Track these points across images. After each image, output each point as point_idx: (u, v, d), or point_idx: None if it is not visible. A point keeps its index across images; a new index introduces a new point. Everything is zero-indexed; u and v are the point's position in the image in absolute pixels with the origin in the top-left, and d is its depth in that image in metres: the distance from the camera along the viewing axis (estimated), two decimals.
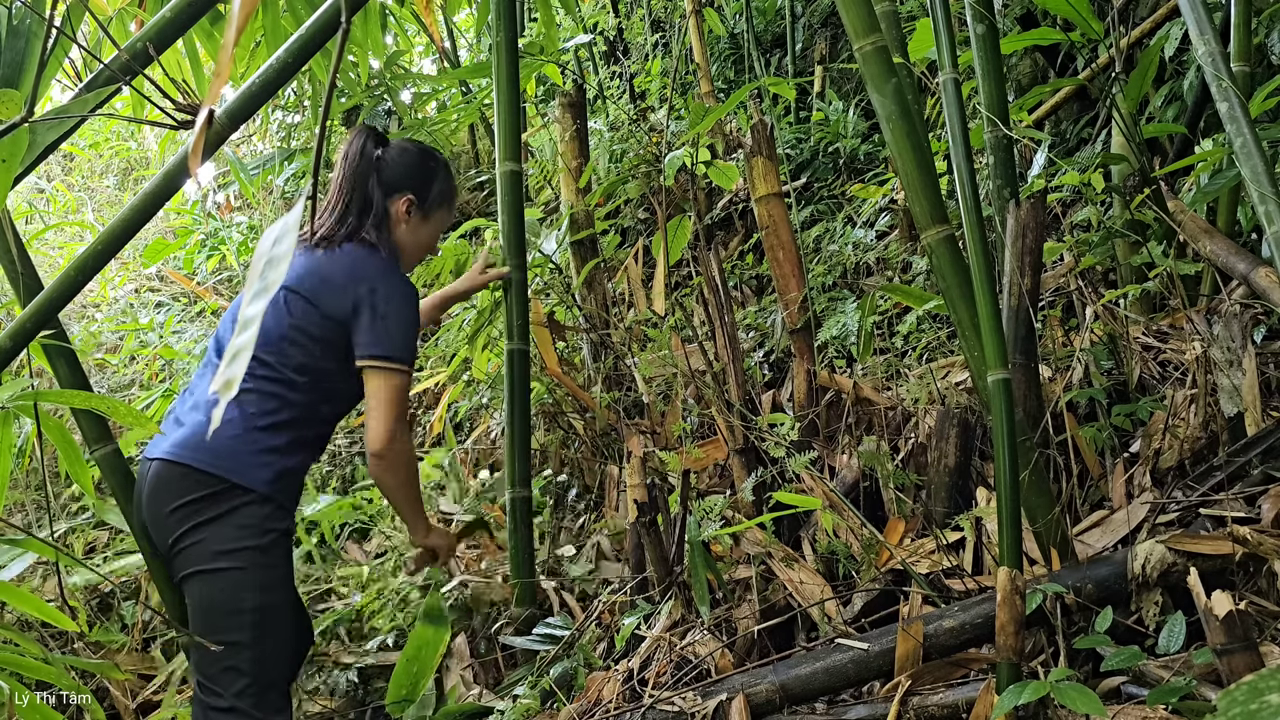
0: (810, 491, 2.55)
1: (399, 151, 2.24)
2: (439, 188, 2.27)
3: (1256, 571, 1.95)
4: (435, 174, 2.27)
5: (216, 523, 1.97)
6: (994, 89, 2.38)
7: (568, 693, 2.40)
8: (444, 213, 2.31)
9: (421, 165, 2.25)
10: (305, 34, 1.73)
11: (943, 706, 1.97)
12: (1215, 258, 2.61)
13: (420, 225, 2.25)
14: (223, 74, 0.74)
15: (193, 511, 1.96)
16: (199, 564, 1.97)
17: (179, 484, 1.98)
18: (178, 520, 1.97)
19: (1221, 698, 0.53)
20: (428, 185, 2.24)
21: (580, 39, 4.18)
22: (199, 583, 1.98)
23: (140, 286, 6.34)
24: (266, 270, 0.66)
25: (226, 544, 1.96)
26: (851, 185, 4.07)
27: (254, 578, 1.97)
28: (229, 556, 1.96)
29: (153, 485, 2.01)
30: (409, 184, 2.21)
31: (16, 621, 3.38)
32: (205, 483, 1.97)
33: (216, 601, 1.96)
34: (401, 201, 2.20)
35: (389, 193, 2.20)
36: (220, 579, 1.96)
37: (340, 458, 4.49)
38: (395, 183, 2.20)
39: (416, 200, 2.22)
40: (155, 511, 2.00)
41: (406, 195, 2.21)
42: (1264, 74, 2.98)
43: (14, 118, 1.24)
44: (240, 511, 1.98)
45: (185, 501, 1.96)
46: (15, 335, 1.67)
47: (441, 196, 2.28)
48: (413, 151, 2.26)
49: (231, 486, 1.97)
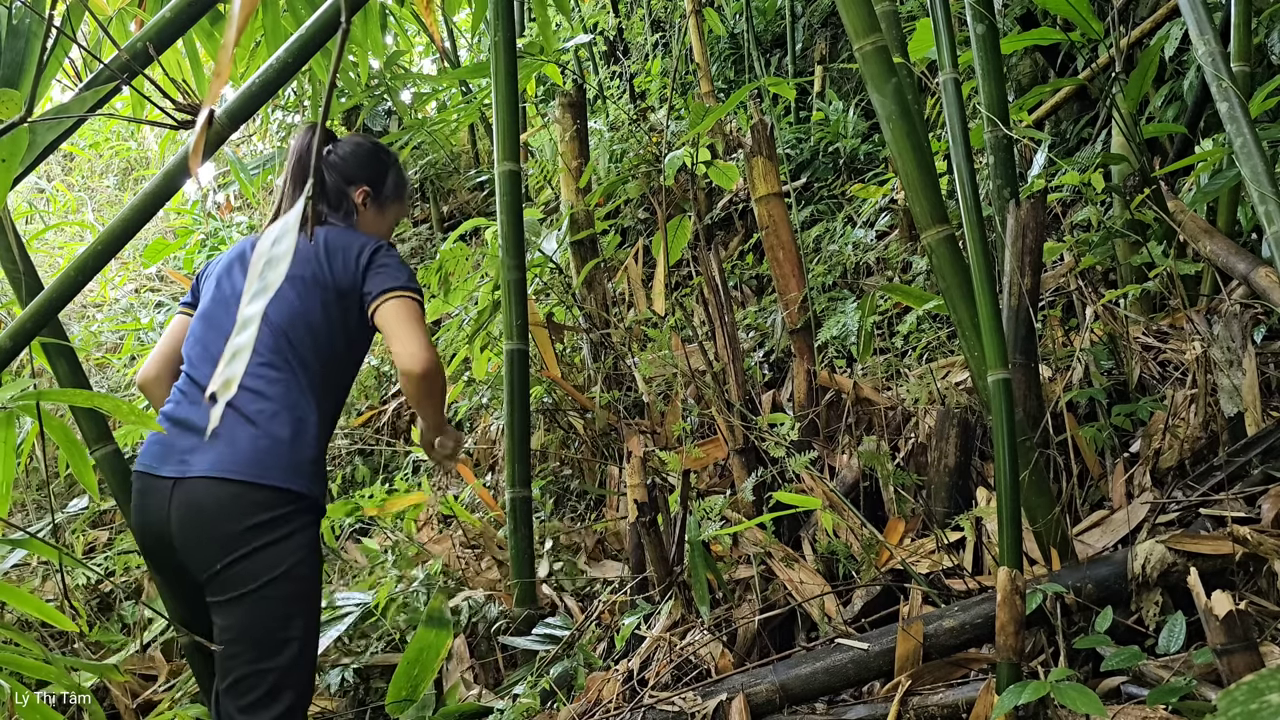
0: (810, 491, 2.55)
1: (352, 145, 2.29)
2: (393, 180, 2.32)
3: (1256, 571, 1.95)
4: (389, 167, 2.32)
5: (283, 542, 1.90)
6: (994, 89, 2.38)
7: (568, 693, 2.40)
8: (398, 205, 2.36)
9: (375, 158, 2.30)
10: (305, 34, 1.73)
11: (943, 706, 1.97)
12: (1215, 258, 2.61)
13: (376, 216, 2.30)
14: (223, 74, 0.74)
15: (263, 528, 1.88)
16: (247, 587, 1.88)
17: (243, 501, 1.88)
18: (243, 539, 1.87)
19: (1221, 698, 0.53)
20: (382, 177, 2.29)
21: (580, 39, 4.18)
22: (250, 605, 1.89)
23: (140, 286, 6.34)
24: (266, 270, 0.66)
25: (285, 562, 1.89)
26: (851, 185, 4.07)
27: (308, 595, 1.93)
28: (287, 576, 1.89)
29: (206, 505, 1.89)
30: (364, 175, 2.26)
31: (16, 621, 3.38)
32: (275, 499, 1.90)
33: (269, 620, 1.88)
34: (358, 192, 2.25)
35: (346, 182, 2.25)
36: (275, 599, 1.89)
37: (340, 458, 4.49)
38: (350, 174, 2.25)
39: (372, 192, 2.27)
40: (210, 532, 1.89)
41: (362, 187, 2.26)
42: (1264, 74, 2.98)
43: (13, 118, 1.24)
44: (305, 529, 1.93)
45: (256, 521, 1.88)
46: (15, 335, 1.67)
47: (396, 189, 2.33)
48: (366, 145, 2.31)
49: (297, 498, 1.91)
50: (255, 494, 1.89)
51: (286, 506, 1.91)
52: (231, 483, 1.89)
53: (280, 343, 2.01)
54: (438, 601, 2.61)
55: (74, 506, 3.93)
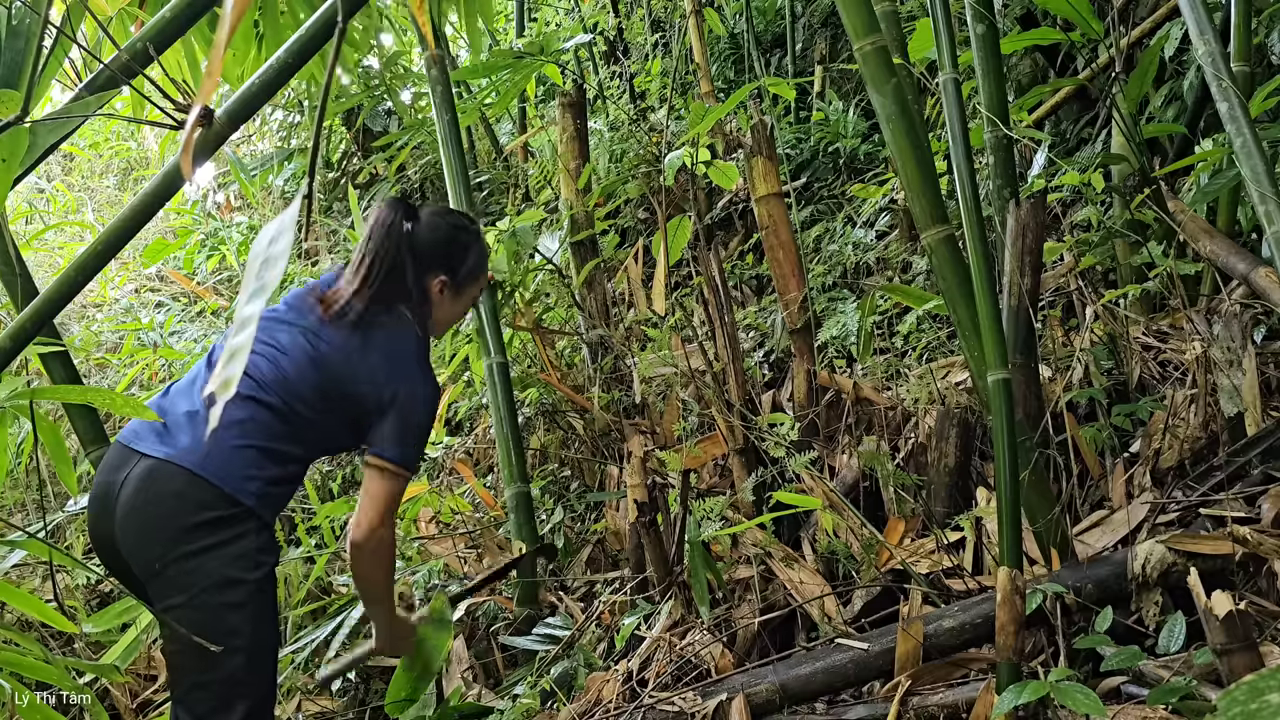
0: (810, 491, 2.55)
1: (430, 228, 2.10)
2: (473, 261, 2.14)
3: (1256, 571, 1.95)
4: (469, 248, 2.14)
5: (214, 551, 1.84)
6: (994, 89, 2.38)
7: (568, 693, 2.40)
8: (477, 285, 2.20)
9: (454, 240, 2.12)
10: (305, 34, 1.73)
11: (943, 706, 1.97)
12: (1215, 258, 2.61)
13: (454, 301, 2.15)
14: (214, 73, 0.74)
15: (202, 529, 1.83)
16: (185, 594, 1.83)
17: (183, 494, 1.84)
18: (183, 536, 1.83)
19: (1221, 698, 0.53)
20: (462, 261, 2.12)
21: (580, 39, 4.18)
22: (187, 613, 1.83)
23: (140, 286, 6.34)
24: (263, 270, 0.66)
25: (220, 576, 1.83)
26: (851, 185, 4.07)
27: (252, 603, 1.86)
28: (223, 590, 1.84)
29: (149, 486, 1.85)
30: (442, 263, 2.09)
31: (16, 621, 3.38)
32: (221, 500, 1.85)
33: (209, 630, 1.80)
34: (435, 282, 2.09)
35: (422, 272, 2.07)
36: (211, 613, 1.83)
37: (340, 458, 4.49)
38: (428, 261, 2.08)
39: (450, 280, 2.11)
40: (154, 519, 1.85)
41: (440, 275, 2.09)
42: (1264, 74, 2.98)
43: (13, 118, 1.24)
44: (249, 536, 1.87)
45: (199, 520, 1.83)
46: (15, 335, 1.67)
47: (475, 270, 2.15)
48: (444, 227, 2.12)
49: (233, 505, 1.85)
50: (204, 492, 1.84)
51: (231, 509, 1.85)
52: (188, 473, 1.84)
53: (287, 397, 1.94)
54: (438, 602, 2.61)
55: (73, 506, 3.92)
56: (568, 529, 3.22)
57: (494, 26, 6.34)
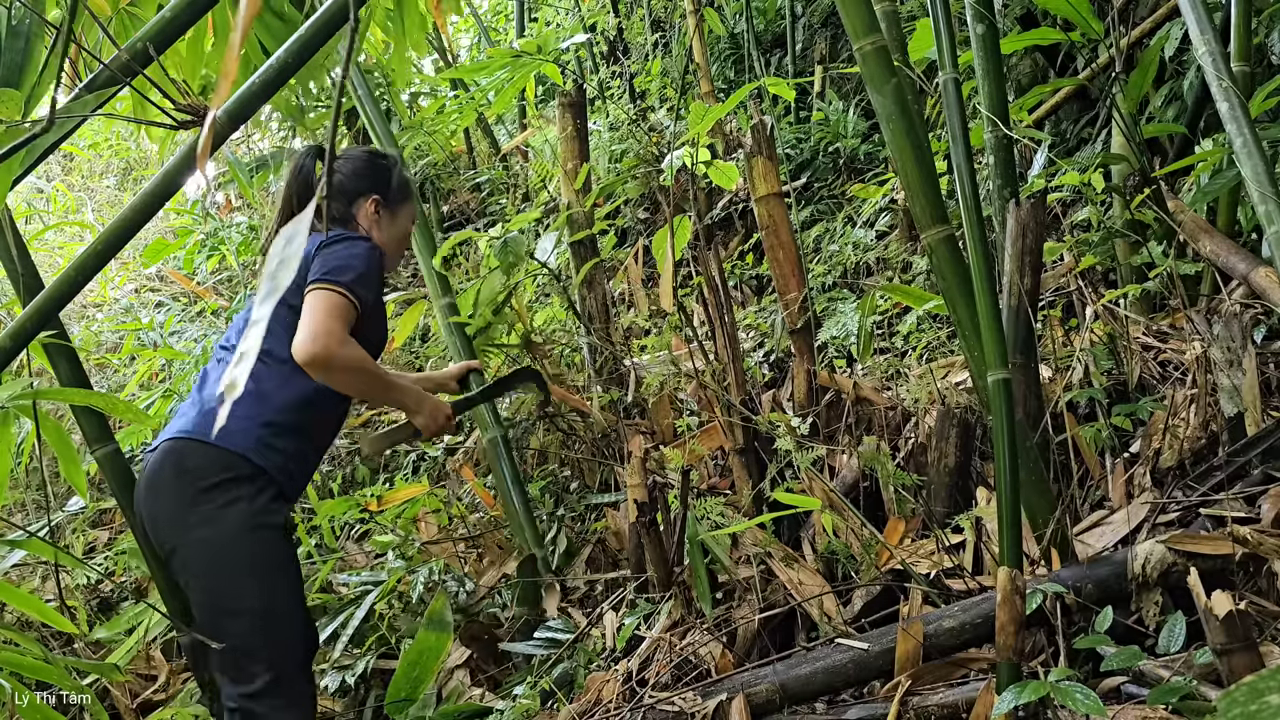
0: (810, 491, 2.55)
1: (347, 159, 2.29)
2: (397, 182, 2.32)
3: (1256, 571, 1.95)
4: (390, 169, 2.32)
5: (227, 509, 1.93)
6: (994, 89, 2.38)
7: (567, 693, 2.40)
8: (409, 205, 2.36)
9: (372, 163, 2.30)
10: (305, 34, 1.72)
11: (943, 706, 1.97)
12: (1215, 258, 2.61)
13: (391, 221, 2.30)
14: (229, 75, 0.74)
15: (205, 494, 1.93)
16: (197, 564, 1.95)
17: (188, 460, 1.96)
18: (189, 503, 1.93)
19: (1221, 698, 0.53)
20: (386, 181, 2.29)
21: (580, 39, 4.17)
22: (199, 583, 1.97)
23: (140, 286, 6.34)
24: (278, 271, 0.67)
25: (225, 541, 1.94)
26: (851, 185, 4.07)
27: (257, 577, 1.96)
28: (227, 556, 1.94)
29: (163, 465, 1.98)
30: (368, 185, 2.26)
31: (16, 621, 3.38)
32: (213, 463, 1.94)
33: (218, 596, 1.95)
34: (368, 203, 2.25)
35: (351, 200, 2.24)
36: (220, 579, 1.94)
37: (340, 458, 4.49)
38: (355, 185, 2.25)
39: (382, 199, 2.26)
40: (162, 494, 1.98)
41: (371, 196, 2.25)
42: (1264, 74, 2.98)
43: (12, 117, 1.24)
44: (253, 498, 1.95)
45: (202, 485, 1.93)
46: (15, 335, 1.67)
47: (402, 190, 2.33)
48: (360, 156, 2.31)
49: (237, 463, 1.94)
50: (201, 455, 1.95)
51: (224, 473, 1.94)
52: (186, 440, 1.98)
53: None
54: (438, 603, 2.61)
55: (73, 506, 3.93)
56: (568, 529, 3.22)
57: (493, 27, 6.34)
